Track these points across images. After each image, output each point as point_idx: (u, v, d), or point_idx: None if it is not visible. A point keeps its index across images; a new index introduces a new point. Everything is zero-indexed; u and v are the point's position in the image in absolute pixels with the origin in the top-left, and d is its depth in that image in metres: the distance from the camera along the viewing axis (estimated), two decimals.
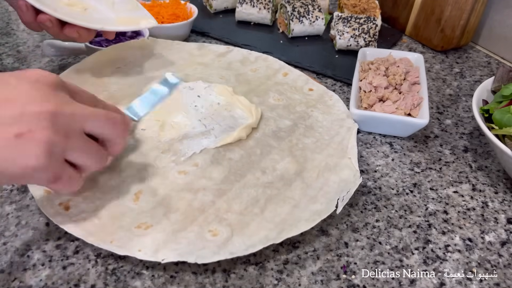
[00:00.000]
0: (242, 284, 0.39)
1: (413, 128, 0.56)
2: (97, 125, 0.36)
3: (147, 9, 0.76)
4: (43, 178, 0.32)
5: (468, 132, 0.60)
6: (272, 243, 0.39)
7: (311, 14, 0.78)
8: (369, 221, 0.46)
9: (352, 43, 0.74)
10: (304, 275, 0.40)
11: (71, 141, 0.33)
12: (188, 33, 0.80)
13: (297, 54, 0.75)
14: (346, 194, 0.44)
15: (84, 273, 0.39)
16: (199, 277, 0.39)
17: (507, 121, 0.48)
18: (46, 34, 0.78)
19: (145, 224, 0.40)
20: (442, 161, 0.55)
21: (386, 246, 0.43)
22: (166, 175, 0.46)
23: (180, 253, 0.38)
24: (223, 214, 0.42)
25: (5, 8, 0.89)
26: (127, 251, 0.38)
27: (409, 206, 0.48)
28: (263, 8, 0.82)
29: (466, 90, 0.70)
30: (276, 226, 0.41)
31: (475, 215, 0.47)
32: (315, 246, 0.43)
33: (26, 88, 0.31)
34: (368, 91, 0.60)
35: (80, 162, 0.35)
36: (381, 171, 0.53)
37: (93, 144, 0.36)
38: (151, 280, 0.39)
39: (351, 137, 0.52)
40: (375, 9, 0.81)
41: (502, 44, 0.79)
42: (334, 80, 0.70)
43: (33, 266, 0.39)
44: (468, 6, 0.73)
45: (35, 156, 0.30)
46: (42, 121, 0.30)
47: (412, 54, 0.67)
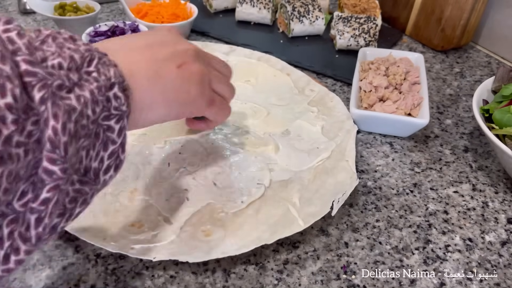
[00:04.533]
0: (242, 284, 0.39)
1: (413, 128, 0.56)
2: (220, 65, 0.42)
3: (147, 9, 0.77)
4: (203, 101, 0.38)
5: (468, 132, 0.60)
6: (264, 243, 0.39)
7: (311, 14, 0.78)
8: (369, 221, 0.46)
9: (352, 43, 0.74)
10: (304, 275, 0.40)
11: (212, 71, 0.39)
12: (188, 33, 0.80)
13: (297, 54, 0.75)
14: (341, 196, 0.44)
15: (84, 273, 0.39)
16: (199, 277, 0.39)
17: (507, 121, 0.48)
18: None
19: (138, 222, 0.41)
20: (443, 160, 0.55)
21: (386, 246, 0.43)
22: (162, 174, 0.46)
23: (172, 252, 0.38)
24: (217, 214, 0.42)
25: (5, 8, 0.89)
26: (120, 249, 0.38)
27: (409, 206, 0.48)
28: (263, 8, 0.81)
29: (466, 90, 0.70)
30: (270, 228, 0.41)
31: (475, 215, 0.47)
32: (315, 246, 0.43)
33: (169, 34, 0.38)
34: (368, 91, 0.60)
35: (221, 91, 0.41)
36: (381, 170, 0.53)
37: (223, 76, 0.42)
38: (151, 280, 0.39)
39: (349, 140, 0.52)
40: (375, 9, 0.81)
41: (502, 44, 0.79)
42: (334, 80, 0.70)
43: (33, 266, 0.39)
44: (468, 6, 0.73)
45: (194, 82, 0.36)
46: (191, 55, 0.37)
47: (412, 54, 0.67)
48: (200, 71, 0.37)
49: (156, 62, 0.34)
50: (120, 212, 0.41)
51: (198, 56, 0.38)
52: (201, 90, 0.37)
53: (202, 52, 0.40)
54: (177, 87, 0.35)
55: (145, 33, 0.38)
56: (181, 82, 0.35)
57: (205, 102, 0.38)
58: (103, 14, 0.87)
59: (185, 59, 0.36)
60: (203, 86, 0.37)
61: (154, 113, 0.33)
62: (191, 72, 0.36)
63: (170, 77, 0.34)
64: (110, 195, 0.43)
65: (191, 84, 0.36)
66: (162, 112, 0.34)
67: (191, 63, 0.36)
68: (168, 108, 0.35)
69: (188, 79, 0.35)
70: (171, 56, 0.35)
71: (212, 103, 0.39)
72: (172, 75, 0.34)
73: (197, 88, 0.36)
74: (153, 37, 0.37)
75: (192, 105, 0.37)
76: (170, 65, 0.34)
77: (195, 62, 0.36)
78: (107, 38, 0.68)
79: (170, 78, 0.34)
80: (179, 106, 0.36)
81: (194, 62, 0.36)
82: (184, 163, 0.47)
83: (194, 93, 0.36)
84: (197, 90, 0.36)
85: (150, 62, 0.33)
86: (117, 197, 0.43)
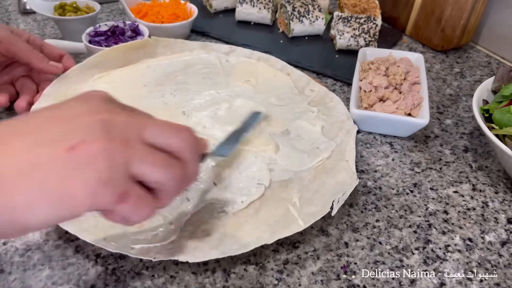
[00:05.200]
0: (242, 284, 0.39)
1: (413, 128, 0.56)
2: (158, 133, 0.30)
3: (147, 9, 0.77)
4: (108, 196, 0.27)
5: (468, 132, 0.60)
6: (264, 243, 0.39)
7: (311, 14, 0.78)
8: (369, 221, 0.46)
9: (352, 43, 0.74)
10: (304, 275, 0.40)
11: (131, 150, 0.28)
12: (188, 33, 0.80)
13: (297, 54, 0.75)
14: (341, 196, 0.44)
15: (84, 273, 0.39)
16: (199, 277, 0.39)
17: (507, 121, 0.48)
18: (46, 34, 0.78)
19: None
20: (442, 160, 0.55)
21: (386, 246, 0.43)
22: None
23: (172, 252, 0.38)
24: (217, 214, 0.42)
25: (5, 8, 0.89)
26: (119, 249, 0.38)
27: (409, 206, 0.48)
28: (263, 8, 0.82)
29: (466, 90, 0.70)
30: (270, 228, 0.41)
31: (475, 215, 0.47)
32: (315, 246, 0.43)
33: (77, 105, 0.30)
34: (368, 91, 0.60)
35: (148, 176, 0.29)
36: (381, 170, 0.53)
37: (161, 153, 0.30)
38: (151, 280, 0.39)
39: (349, 140, 0.52)
40: (375, 9, 0.81)
41: (502, 44, 0.79)
42: (334, 80, 0.70)
43: (33, 266, 0.39)
44: (468, 6, 0.73)
45: (93, 167, 0.26)
46: (95, 131, 0.27)
47: (412, 54, 0.67)
48: (104, 149, 0.27)
49: (36, 148, 0.26)
50: None
51: (106, 130, 0.28)
52: (105, 178, 0.27)
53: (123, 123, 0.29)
54: (64, 178, 0.26)
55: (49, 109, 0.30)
56: (71, 169, 0.26)
57: (111, 195, 0.27)
58: (103, 14, 0.88)
59: (84, 137, 0.27)
60: (110, 173, 0.27)
61: (33, 215, 0.26)
62: (88, 154, 0.26)
63: (53, 164, 0.26)
64: None
65: (86, 171, 0.26)
66: (45, 213, 0.26)
67: (91, 142, 0.27)
68: (53, 207, 0.26)
69: (83, 164, 0.26)
70: (61, 135, 0.27)
71: (124, 198, 0.28)
72: (57, 161, 0.26)
73: (96, 176, 0.26)
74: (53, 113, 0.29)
75: (90, 201, 0.27)
76: (56, 149, 0.26)
77: (97, 140, 0.27)
78: (106, 39, 0.68)
79: (54, 166, 0.26)
80: (69, 204, 0.26)
81: (96, 139, 0.27)
82: None
83: (93, 183, 0.26)
84: (96, 179, 0.26)
85: (28, 150, 0.26)
86: None
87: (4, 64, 0.58)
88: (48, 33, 0.79)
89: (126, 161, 0.28)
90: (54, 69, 0.56)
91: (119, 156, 0.28)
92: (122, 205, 0.28)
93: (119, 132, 0.28)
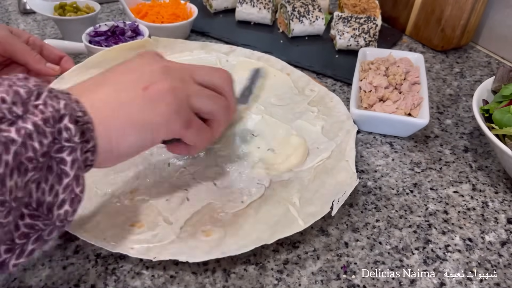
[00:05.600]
0: (242, 284, 0.39)
1: (413, 128, 0.56)
2: (204, 73, 0.39)
3: (147, 9, 0.77)
4: (178, 123, 0.35)
5: (468, 132, 0.60)
6: (264, 243, 0.39)
7: (311, 14, 0.78)
8: (369, 221, 0.46)
9: (352, 43, 0.74)
10: (304, 275, 0.40)
11: (188, 86, 0.36)
12: (188, 33, 0.80)
13: (297, 54, 0.75)
14: (341, 196, 0.44)
15: (84, 273, 0.39)
16: (199, 277, 0.39)
17: (507, 121, 0.48)
18: (46, 34, 0.78)
19: (138, 222, 0.41)
20: (442, 160, 0.55)
21: (386, 246, 0.43)
22: (162, 174, 0.46)
23: (172, 252, 0.38)
24: (217, 214, 0.42)
25: (5, 8, 0.89)
26: (120, 249, 0.38)
27: (409, 206, 0.48)
28: (263, 8, 0.82)
29: (466, 90, 0.70)
30: (270, 228, 0.41)
31: (475, 215, 0.47)
32: (315, 246, 0.43)
33: (138, 60, 0.37)
34: (368, 91, 0.60)
35: (203, 107, 0.37)
36: (381, 170, 0.53)
37: (209, 90, 0.38)
38: (151, 280, 0.39)
39: (349, 140, 0.52)
40: (375, 9, 0.81)
41: (502, 44, 0.79)
42: (334, 80, 0.70)
43: (33, 266, 0.39)
44: (468, 6, 0.73)
45: (164, 101, 0.34)
46: (160, 75, 0.35)
47: (412, 54, 0.67)
48: (170, 88, 0.34)
49: (120, 90, 0.33)
50: (120, 212, 0.41)
51: (167, 74, 0.35)
52: (175, 109, 0.34)
53: (177, 68, 0.37)
54: (145, 110, 0.33)
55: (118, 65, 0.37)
56: (148, 104, 0.33)
57: (180, 122, 0.35)
58: (103, 14, 0.88)
59: (152, 80, 0.34)
60: (178, 105, 0.34)
61: (125, 142, 0.32)
62: (159, 92, 0.34)
63: (135, 101, 0.33)
64: (110, 195, 0.43)
65: (160, 104, 0.33)
66: (133, 139, 0.33)
67: (159, 82, 0.34)
68: (139, 134, 0.33)
69: (157, 99, 0.33)
70: (135, 81, 0.34)
71: (189, 125, 0.36)
72: (137, 99, 0.33)
73: (168, 107, 0.34)
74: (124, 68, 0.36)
75: (165, 127, 0.34)
76: (135, 89, 0.33)
77: (163, 81, 0.34)
78: (105, 39, 0.68)
79: (135, 103, 0.33)
80: (151, 130, 0.34)
81: (162, 80, 0.34)
82: (184, 163, 0.47)
83: (166, 113, 0.34)
84: (168, 110, 0.34)
85: (114, 92, 0.33)
86: (117, 197, 0.43)
87: (3, 65, 0.58)
88: (48, 33, 0.79)
89: (186, 96, 0.35)
90: (51, 71, 0.56)
91: (180, 92, 0.35)
92: (189, 130, 0.36)
93: (177, 75, 0.36)
